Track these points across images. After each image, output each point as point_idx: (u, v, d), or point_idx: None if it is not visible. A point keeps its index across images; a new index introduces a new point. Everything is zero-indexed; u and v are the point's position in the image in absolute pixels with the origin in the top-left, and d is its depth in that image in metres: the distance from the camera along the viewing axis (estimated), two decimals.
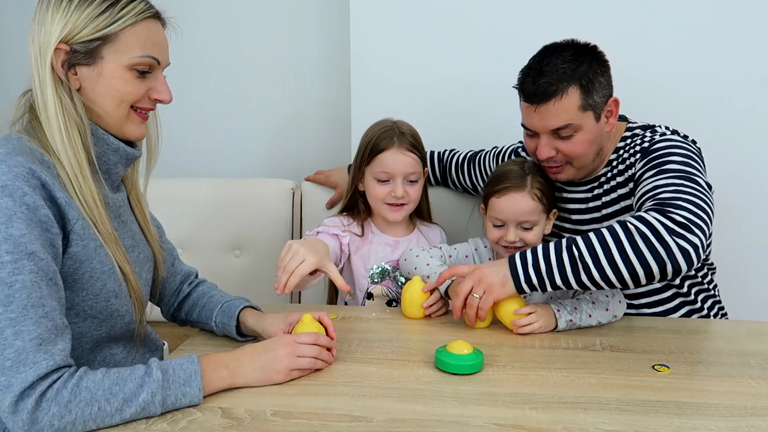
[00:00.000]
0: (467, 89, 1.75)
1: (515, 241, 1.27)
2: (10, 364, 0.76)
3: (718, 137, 1.59)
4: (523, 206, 1.26)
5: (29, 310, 0.78)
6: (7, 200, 0.79)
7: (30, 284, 0.79)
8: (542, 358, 1.03)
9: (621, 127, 1.33)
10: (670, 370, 0.98)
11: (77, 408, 0.78)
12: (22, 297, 0.78)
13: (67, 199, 0.87)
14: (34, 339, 0.77)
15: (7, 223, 0.78)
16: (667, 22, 1.63)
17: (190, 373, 0.86)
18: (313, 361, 0.95)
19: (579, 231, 1.35)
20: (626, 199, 1.27)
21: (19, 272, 0.78)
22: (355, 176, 1.45)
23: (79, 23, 0.87)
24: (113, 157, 0.96)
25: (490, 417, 0.83)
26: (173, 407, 0.84)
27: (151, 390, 0.81)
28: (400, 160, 1.37)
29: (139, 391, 0.81)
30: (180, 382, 0.84)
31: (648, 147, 1.22)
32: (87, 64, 0.90)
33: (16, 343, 0.76)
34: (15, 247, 0.78)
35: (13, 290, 0.77)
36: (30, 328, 0.77)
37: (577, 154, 1.23)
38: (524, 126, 1.27)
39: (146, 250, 1.07)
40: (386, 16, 1.74)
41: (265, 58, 1.98)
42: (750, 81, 1.63)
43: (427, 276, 1.26)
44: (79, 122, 0.90)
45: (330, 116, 1.98)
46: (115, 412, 0.80)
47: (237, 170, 2.04)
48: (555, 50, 1.22)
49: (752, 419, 0.83)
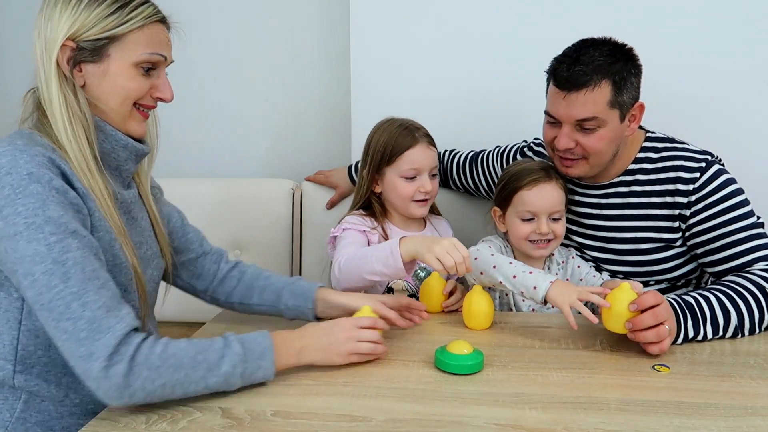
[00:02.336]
0: (467, 89, 1.75)
1: (548, 233, 1.28)
2: (86, 334, 0.78)
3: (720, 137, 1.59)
4: (555, 196, 1.28)
5: (87, 283, 0.80)
6: (37, 186, 0.81)
7: (81, 259, 0.81)
8: (542, 358, 1.03)
9: (639, 136, 1.33)
10: (670, 370, 0.98)
11: (167, 373, 0.81)
12: (77, 272, 0.80)
13: (84, 190, 0.88)
14: (101, 307, 0.80)
15: (43, 207, 0.80)
16: (670, 24, 1.63)
17: (264, 347, 0.90)
18: (373, 347, 0.99)
19: (588, 235, 1.35)
20: (656, 219, 1.28)
21: (68, 250, 0.80)
22: (372, 179, 1.44)
23: (87, 22, 0.88)
24: (123, 153, 0.97)
25: (490, 417, 0.83)
26: (249, 381, 0.88)
27: (232, 362, 0.86)
28: (427, 155, 1.40)
29: (221, 362, 0.85)
30: (256, 356, 0.88)
31: (705, 183, 1.23)
32: (93, 62, 0.90)
33: (86, 314, 0.79)
34: (57, 228, 0.80)
35: (67, 267, 0.79)
36: (94, 298, 0.80)
37: (596, 149, 1.23)
38: (548, 113, 1.27)
39: (154, 247, 1.08)
40: (386, 16, 1.74)
41: (265, 58, 1.98)
42: (751, 81, 1.63)
43: (513, 276, 1.16)
44: (83, 119, 0.90)
45: (330, 116, 1.98)
46: (200, 380, 0.84)
47: (237, 170, 2.04)
48: (593, 43, 1.22)
49: (752, 419, 0.83)
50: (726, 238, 1.21)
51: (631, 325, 1.02)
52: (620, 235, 1.31)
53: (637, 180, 1.30)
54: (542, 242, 1.29)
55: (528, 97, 1.52)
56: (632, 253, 1.30)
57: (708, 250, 1.24)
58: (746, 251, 1.19)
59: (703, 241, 1.24)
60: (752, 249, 1.19)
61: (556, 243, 1.31)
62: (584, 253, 1.36)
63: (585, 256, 1.36)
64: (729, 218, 1.21)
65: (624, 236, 1.30)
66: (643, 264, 1.30)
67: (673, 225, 1.26)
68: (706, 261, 1.25)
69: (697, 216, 1.23)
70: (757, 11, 1.60)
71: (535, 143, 1.52)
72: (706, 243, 1.24)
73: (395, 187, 1.41)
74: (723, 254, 1.21)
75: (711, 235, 1.23)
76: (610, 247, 1.32)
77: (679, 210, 1.25)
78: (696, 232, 1.24)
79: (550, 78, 1.25)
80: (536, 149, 1.50)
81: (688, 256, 1.29)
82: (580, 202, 1.37)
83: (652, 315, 1.01)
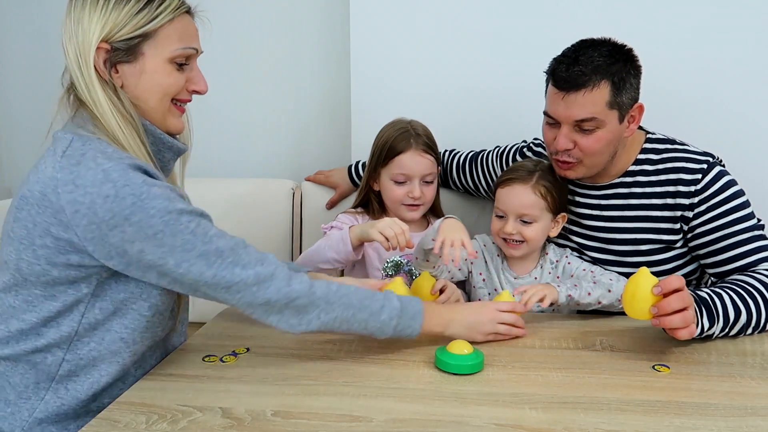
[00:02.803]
0: (467, 89, 1.74)
1: (513, 234, 1.28)
2: (260, 279, 0.90)
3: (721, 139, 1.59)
4: (524, 199, 1.28)
5: (235, 250, 0.90)
6: (155, 188, 0.85)
7: (220, 233, 0.90)
8: (542, 358, 1.03)
9: (639, 137, 1.32)
10: (670, 370, 0.98)
11: (339, 308, 0.95)
12: (223, 244, 0.89)
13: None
14: (256, 262, 0.91)
15: (170, 202, 0.85)
16: (672, 25, 1.63)
17: (417, 310, 1.02)
18: (510, 328, 1.10)
19: (588, 236, 1.35)
20: (657, 221, 1.27)
21: (207, 229, 0.89)
22: (370, 176, 1.47)
23: (119, 21, 0.88)
24: (168, 154, 0.98)
25: (490, 417, 0.83)
26: (398, 335, 1.01)
27: (390, 314, 0.99)
28: (418, 162, 1.40)
29: (381, 311, 0.98)
30: (409, 315, 1.01)
31: (707, 185, 1.23)
32: (128, 62, 0.90)
33: (249, 272, 0.90)
34: (190, 215, 0.87)
35: (215, 244, 0.88)
36: (246, 259, 0.91)
37: (594, 150, 1.23)
38: (547, 114, 1.27)
39: None
40: (386, 16, 1.73)
41: (266, 58, 1.97)
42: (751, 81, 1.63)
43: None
44: (132, 120, 0.91)
45: (330, 116, 1.98)
46: (362, 321, 0.97)
47: (237, 170, 2.04)
48: (592, 44, 1.22)
49: (752, 419, 0.83)
50: (729, 239, 1.21)
51: (656, 309, 0.98)
52: (620, 236, 1.31)
53: (638, 181, 1.30)
54: (512, 242, 1.30)
55: (528, 97, 1.52)
56: (632, 254, 1.30)
57: (711, 251, 1.24)
58: (750, 252, 1.19)
59: (707, 242, 1.24)
60: (756, 250, 1.19)
61: (528, 246, 1.30)
62: (584, 253, 1.36)
63: (584, 257, 1.36)
64: (732, 219, 1.21)
65: (624, 237, 1.30)
66: (643, 265, 1.30)
67: (674, 226, 1.26)
68: (708, 262, 1.26)
69: (701, 218, 1.23)
70: (759, 13, 1.60)
71: (535, 143, 1.52)
72: (710, 244, 1.24)
73: (386, 189, 1.44)
74: (726, 255, 1.22)
75: (714, 236, 1.23)
76: (610, 248, 1.32)
77: (681, 212, 1.25)
78: (699, 233, 1.25)
79: (549, 78, 1.25)
80: (536, 149, 1.50)
81: (689, 257, 1.29)
82: (580, 203, 1.37)
83: (678, 298, 0.97)
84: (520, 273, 1.35)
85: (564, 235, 1.38)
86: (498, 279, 1.36)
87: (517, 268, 1.36)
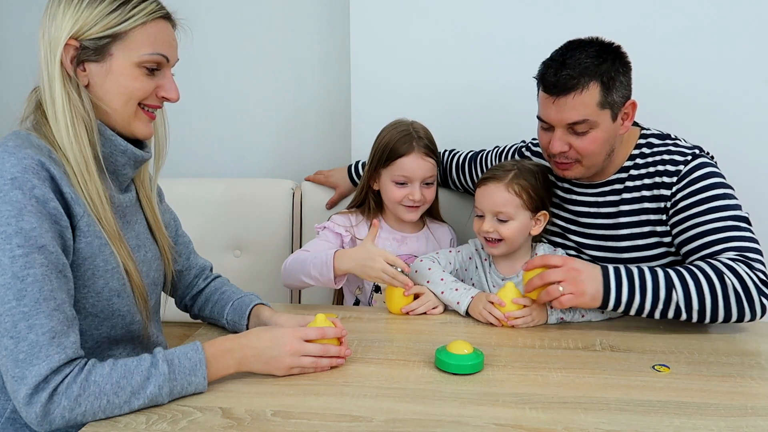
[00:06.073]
0: (467, 89, 1.75)
1: (490, 231, 1.29)
2: (24, 356, 0.79)
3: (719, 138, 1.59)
4: (497, 197, 1.29)
5: (41, 304, 0.80)
6: (17, 193, 0.81)
7: (41, 278, 0.81)
8: (542, 358, 1.03)
9: (635, 133, 1.32)
10: (670, 370, 0.98)
11: (86, 401, 0.81)
12: (34, 291, 0.80)
13: (74, 195, 0.87)
14: (47, 332, 0.80)
15: (18, 217, 0.80)
16: (669, 24, 1.63)
17: (195, 362, 0.88)
18: (316, 361, 0.96)
19: (586, 234, 1.35)
20: (648, 213, 1.27)
21: (31, 266, 0.80)
22: (370, 175, 1.47)
23: (90, 20, 0.88)
24: (121, 159, 0.96)
25: (490, 417, 0.83)
26: (179, 396, 0.87)
27: (158, 383, 0.84)
28: (420, 165, 1.40)
29: (146, 383, 0.84)
30: (185, 372, 0.87)
31: (686, 173, 1.22)
32: (96, 61, 0.90)
33: (30, 337, 0.79)
34: (26, 241, 0.80)
35: (26, 284, 0.79)
36: (43, 321, 0.80)
37: (589, 151, 1.23)
38: (540, 118, 1.27)
39: (154, 249, 1.07)
40: (386, 17, 1.74)
41: (266, 58, 1.97)
42: (750, 81, 1.63)
43: (441, 292, 1.28)
44: (86, 118, 0.90)
45: (330, 116, 1.98)
46: (124, 404, 0.83)
47: (237, 170, 2.04)
48: (579, 45, 1.21)
49: (752, 419, 0.83)
50: (701, 227, 1.19)
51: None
52: (617, 233, 1.30)
53: (630, 176, 1.29)
54: (490, 240, 1.31)
55: (527, 97, 1.51)
56: (630, 250, 1.30)
57: (684, 240, 1.22)
58: (718, 241, 1.16)
59: (681, 230, 1.22)
60: (725, 239, 1.16)
61: (506, 245, 1.30)
62: (582, 252, 1.36)
63: (584, 256, 1.36)
64: (707, 208, 1.19)
65: (621, 233, 1.30)
66: (641, 261, 1.29)
67: (662, 218, 1.26)
68: (682, 251, 1.24)
69: (677, 205, 1.22)
70: (752, 11, 1.60)
71: (534, 143, 1.52)
72: (683, 232, 1.22)
73: (386, 190, 1.44)
74: (696, 243, 1.19)
75: (687, 224, 1.21)
76: (608, 245, 1.32)
77: (663, 203, 1.24)
78: (675, 222, 1.23)
79: (539, 84, 1.25)
80: (534, 149, 1.50)
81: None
82: (578, 201, 1.37)
83: (539, 277, 1.14)
84: (506, 274, 1.35)
85: (562, 234, 1.38)
86: (486, 280, 1.36)
87: (504, 269, 1.35)
